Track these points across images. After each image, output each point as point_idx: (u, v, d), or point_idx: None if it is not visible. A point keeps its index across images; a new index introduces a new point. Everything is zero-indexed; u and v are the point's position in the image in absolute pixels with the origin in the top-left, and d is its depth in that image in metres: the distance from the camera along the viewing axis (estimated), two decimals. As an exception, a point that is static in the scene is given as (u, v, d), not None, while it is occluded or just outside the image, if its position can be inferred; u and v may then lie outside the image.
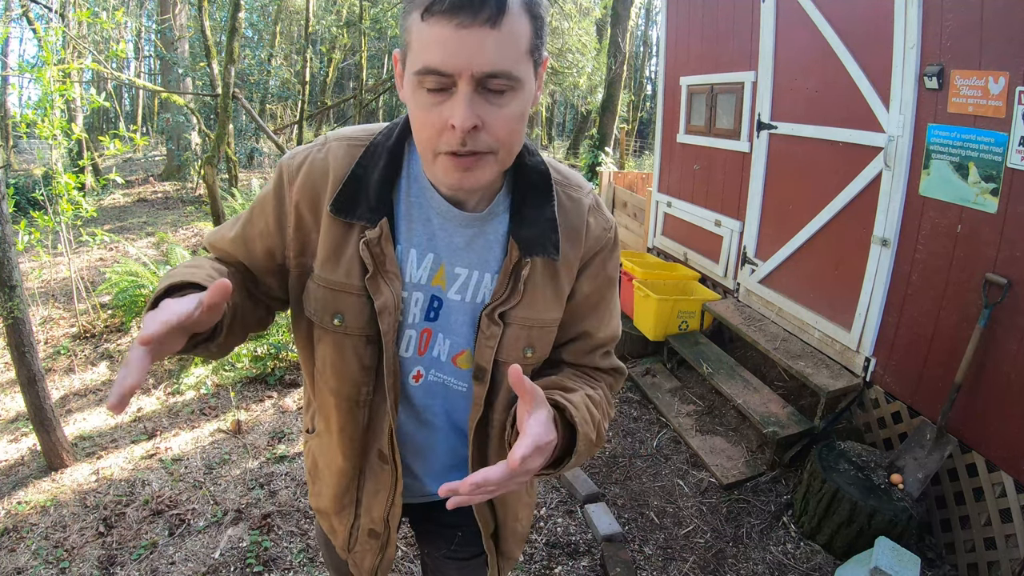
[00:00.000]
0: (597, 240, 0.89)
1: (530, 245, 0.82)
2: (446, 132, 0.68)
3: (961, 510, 2.29)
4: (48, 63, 3.75)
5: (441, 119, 0.68)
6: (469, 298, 0.85)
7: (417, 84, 0.68)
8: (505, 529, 1.03)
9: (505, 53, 0.66)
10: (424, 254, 0.83)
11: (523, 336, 0.85)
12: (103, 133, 6.29)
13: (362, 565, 1.02)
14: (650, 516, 2.52)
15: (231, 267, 0.87)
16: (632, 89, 18.11)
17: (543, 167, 0.85)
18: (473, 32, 0.64)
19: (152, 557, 2.18)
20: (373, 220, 0.79)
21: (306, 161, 0.83)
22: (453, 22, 0.63)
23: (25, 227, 3.77)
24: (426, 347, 0.87)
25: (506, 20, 0.65)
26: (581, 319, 0.92)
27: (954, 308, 2.33)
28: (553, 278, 0.86)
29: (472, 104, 0.66)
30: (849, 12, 2.81)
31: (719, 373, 3.22)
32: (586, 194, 0.90)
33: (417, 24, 0.66)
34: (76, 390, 3.52)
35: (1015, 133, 2.05)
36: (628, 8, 10.60)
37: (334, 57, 16.11)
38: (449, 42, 0.64)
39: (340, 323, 0.82)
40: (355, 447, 0.91)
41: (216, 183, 5.92)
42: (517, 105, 0.70)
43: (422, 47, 0.66)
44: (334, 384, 0.87)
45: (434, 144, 0.70)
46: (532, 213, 0.83)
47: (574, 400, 0.79)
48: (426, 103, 0.68)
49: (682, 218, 4.44)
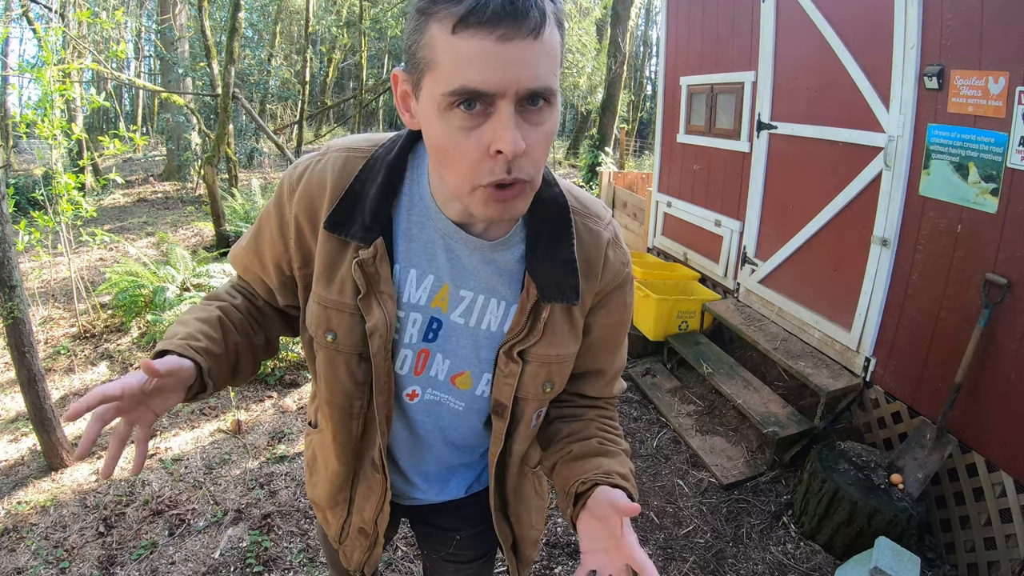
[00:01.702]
0: (615, 276, 0.85)
1: (549, 290, 0.79)
2: (487, 160, 0.62)
3: (961, 510, 2.29)
4: (48, 63, 3.75)
5: (481, 144, 0.61)
6: (474, 323, 0.82)
7: (448, 106, 0.61)
8: (522, 540, 1.03)
9: (548, 67, 0.60)
10: (424, 275, 0.80)
11: (543, 372, 0.83)
12: (103, 133, 6.29)
13: (351, 557, 1.04)
14: (650, 516, 2.52)
15: (240, 295, 0.92)
16: (632, 89, 18.11)
17: (562, 199, 0.81)
18: (516, 46, 0.57)
19: (152, 557, 2.18)
20: (367, 239, 0.76)
21: (306, 172, 0.80)
22: (495, 34, 0.57)
23: (25, 227, 3.77)
24: (423, 367, 0.85)
25: (546, 30, 0.59)
26: (599, 356, 0.91)
27: (954, 308, 2.33)
28: (568, 313, 0.83)
29: (518, 126, 0.60)
30: (849, 12, 2.81)
31: (719, 373, 3.22)
32: (605, 226, 0.85)
33: (445, 38, 0.59)
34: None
35: (1015, 133, 2.05)
36: (628, 8, 10.59)
37: (334, 57, 16.12)
38: (491, 57, 0.57)
39: (332, 340, 0.81)
40: (349, 454, 0.91)
41: (216, 183, 5.92)
42: (552, 123, 0.64)
43: (456, 65, 0.58)
44: (328, 395, 0.86)
45: (474, 176, 0.63)
46: (550, 251, 0.79)
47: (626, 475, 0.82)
48: (461, 127, 0.61)
49: (682, 218, 4.44)
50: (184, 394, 0.76)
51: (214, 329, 0.83)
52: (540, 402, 0.87)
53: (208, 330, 0.82)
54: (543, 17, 0.59)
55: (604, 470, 0.81)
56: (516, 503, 0.99)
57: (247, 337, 0.89)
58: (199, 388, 0.79)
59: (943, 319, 2.38)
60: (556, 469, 0.88)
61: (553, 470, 0.89)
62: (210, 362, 0.79)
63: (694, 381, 3.55)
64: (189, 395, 0.78)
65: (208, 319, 0.84)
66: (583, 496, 0.79)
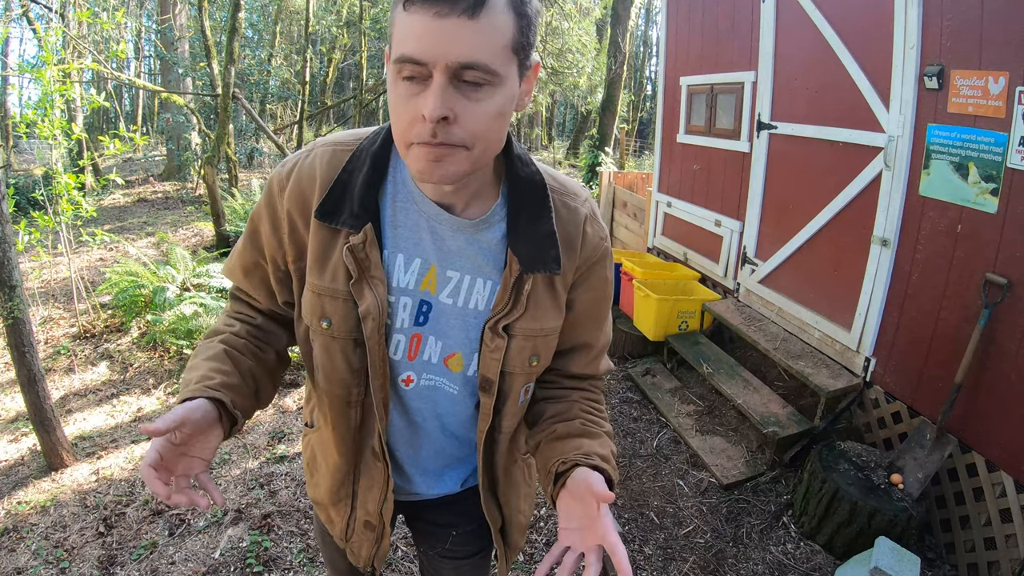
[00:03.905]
0: (594, 250, 0.89)
1: (531, 261, 0.82)
2: (418, 123, 0.68)
3: (961, 510, 2.29)
4: (48, 63, 3.75)
5: (415, 110, 0.67)
6: (462, 303, 0.85)
7: (396, 74, 0.68)
8: (511, 524, 1.05)
9: (483, 45, 0.65)
10: (412, 259, 0.83)
11: (528, 346, 0.86)
12: (103, 133, 6.29)
13: (359, 553, 1.05)
14: (650, 516, 2.52)
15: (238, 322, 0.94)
16: (632, 89, 18.10)
17: (539, 177, 0.85)
18: (450, 22, 0.63)
19: (152, 557, 2.18)
20: (357, 226, 0.80)
21: (295, 168, 0.84)
22: (431, 11, 0.63)
23: (25, 227, 3.77)
24: (416, 352, 0.87)
25: (485, 12, 0.64)
26: (583, 330, 0.94)
27: (954, 308, 2.33)
28: (551, 287, 0.86)
29: (444, 96, 0.66)
30: (849, 12, 2.81)
31: (719, 373, 3.22)
32: (582, 203, 0.89)
33: (400, 15, 0.66)
34: (76, 390, 3.52)
35: (1015, 133, 2.05)
36: (628, 8, 10.59)
37: (334, 57, 16.11)
38: (426, 31, 0.64)
39: (328, 326, 0.83)
40: (348, 444, 0.93)
41: (216, 183, 5.92)
42: (494, 102, 0.69)
43: (402, 36, 0.66)
44: (325, 385, 0.88)
45: (407, 135, 0.70)
46: (530, 226, 0.83)
47: (607, 456, 0.85)
48: (403, 94, 0.68)
49: (682, 218, 4.44)
50: (219, 431, 0.80)
51: (223, 363, 0.86)
52: (527, 376, 0.90)
53: (218, 365, 0.85)
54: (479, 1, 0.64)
55: (585, 451, 0.84)
56: (506, 486, 1.01)
57: (257, 359, 0.91)
58: (230, 421, 0.82)
59: (943, 319, 2.38)
60: (540, 448, 0.91)
61: (537, 449, 0.92)
62: (231, 394, 0.82)
63: (694, 381, 3.55)
64: (225, 431, 0.81)
65: (215, 355, 0.87)
66: (563, 476, 0.82)
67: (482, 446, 0.93)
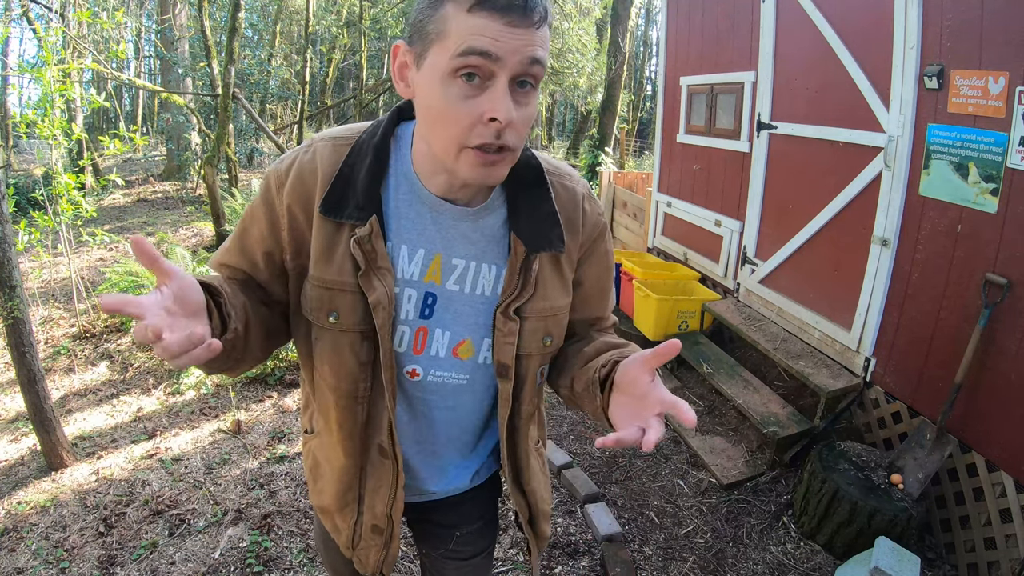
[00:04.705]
0: (595, 226, 0.93)
1: (535, 241, 0.84)
2: (479, 126, 0.69)
3: (961, 510, 2.29)
4: (48, 63, 3.75)
5: (476, 111, 0.69)
6: (468, 289, 0.86)
7: (451, 72, 0.68)
8: (537, 512, 1.06)
9: (543, 54, 0.71)
10: (415, 249, 0.84)
11: (540, 327, 0.88)
12: (103, 133, 6.30)
13: (367, 562, 1.03)
14: (650, 516, 2.52)
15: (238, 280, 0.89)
16: (632, 89, 18.10)
17: (534, 161, 0.87)
18: (522, 31, 0.67)
19: (152, 557, 2.18)
20: (362, 218, 0.80)
21: (294, 164, 0.84)
22: (504, 19, 0.66)
23: (25, 227, 3.77)
24: (423, 346, 0.87)
25: (544, 26, 0.70)
26: (594, 305, 0.97)
27: (954, 308, 2.33)
28: (557, 266, 0.88)
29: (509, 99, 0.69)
30: (849, 12, 2.81)
31: (719, 373, 3.22)
32: (577, 182, 0.93)
33: (460, 15, 0.67)
34: (76, 390, 3.52)
35: (1015, 133, 2.05)
36: (628, 8, 10.59)
37: (334, 57, 16.10)
38: (500, 34, 0.66)
39: (335, 320, 0.83)
40: (355, 443, 0.92)
41: (216, 183, 5.93)
42: (534, 107, 0.74)
43: (467, 34, 0.67)
44: (332, 381, 0.87)
45: (463, 138, 0.70)
46: (531, 207, 0.85)
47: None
48: (458, 94, 0.69)
49: (682, 218, 4.44)
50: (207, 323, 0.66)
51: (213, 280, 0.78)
52: (542, 357, 0.91)
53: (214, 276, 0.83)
54: (545, 15, 0.69)
55: (620, 352, 0.84)
56: (528, 474, 1.01)
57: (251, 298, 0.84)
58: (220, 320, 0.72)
59: (943, 319, 2.38)
60: (574, 380, 0.89)
61: (572, 387, 0.90)
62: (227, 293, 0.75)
63: (694, 381, 3.55)
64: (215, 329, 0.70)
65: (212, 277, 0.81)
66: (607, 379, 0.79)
67: (505, 433, 0.94)
